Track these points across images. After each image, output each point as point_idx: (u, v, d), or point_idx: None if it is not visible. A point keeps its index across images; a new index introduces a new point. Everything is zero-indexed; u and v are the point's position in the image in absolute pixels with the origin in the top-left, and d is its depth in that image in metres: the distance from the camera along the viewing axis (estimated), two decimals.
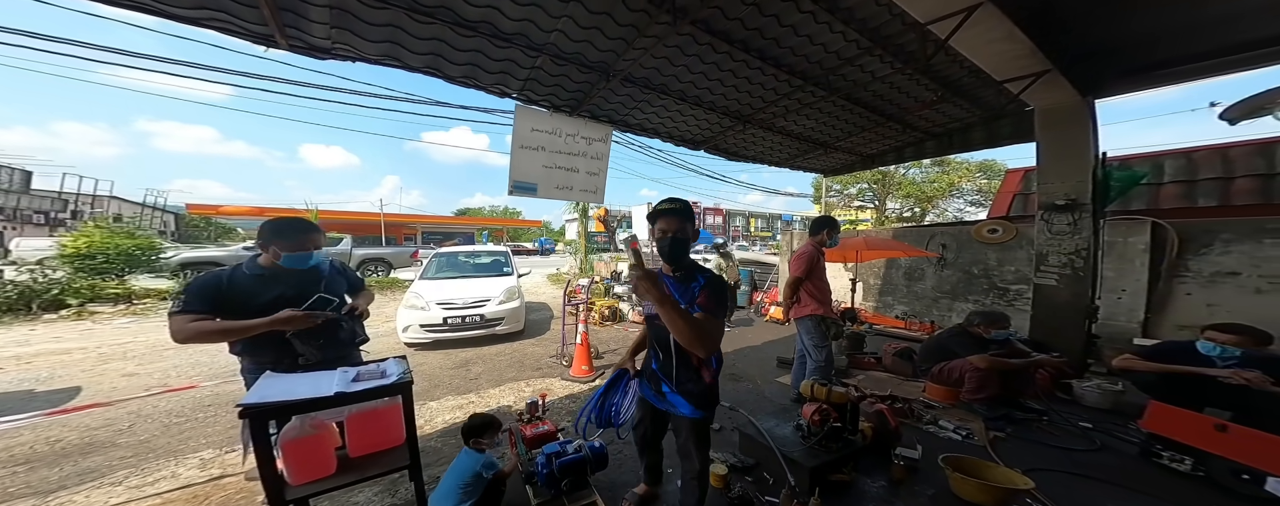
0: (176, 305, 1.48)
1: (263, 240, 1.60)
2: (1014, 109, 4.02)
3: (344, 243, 11.14)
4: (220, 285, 1.54)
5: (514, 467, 1.89)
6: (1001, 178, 8.62)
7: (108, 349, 4.55)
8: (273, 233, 1.61)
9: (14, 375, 3.70)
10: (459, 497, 1.64)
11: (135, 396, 3.20)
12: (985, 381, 2.71)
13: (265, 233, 1.60)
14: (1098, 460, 2.23)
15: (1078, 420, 2.66)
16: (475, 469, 1.70)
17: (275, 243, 1.61)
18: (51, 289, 6.29)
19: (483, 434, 1.77)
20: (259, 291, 1.58)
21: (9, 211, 18.78)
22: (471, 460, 1.72)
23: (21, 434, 2.56)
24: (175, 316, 1.48)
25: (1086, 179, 3.30)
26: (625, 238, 7.45)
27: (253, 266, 1.62)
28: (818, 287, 2.85)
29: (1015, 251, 4.72)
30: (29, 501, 1.91)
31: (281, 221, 1.64)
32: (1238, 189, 4.40)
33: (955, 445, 2.37)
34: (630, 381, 1.64)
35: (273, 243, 1.61)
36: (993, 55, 2.70)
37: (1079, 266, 3.34)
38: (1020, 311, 4.29)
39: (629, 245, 1.78)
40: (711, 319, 1.29)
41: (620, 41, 2.61)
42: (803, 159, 5.59)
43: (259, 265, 1.62)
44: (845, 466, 1.97)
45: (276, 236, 1.61)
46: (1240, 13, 2.50)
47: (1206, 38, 2.80)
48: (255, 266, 1.62)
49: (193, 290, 1.51)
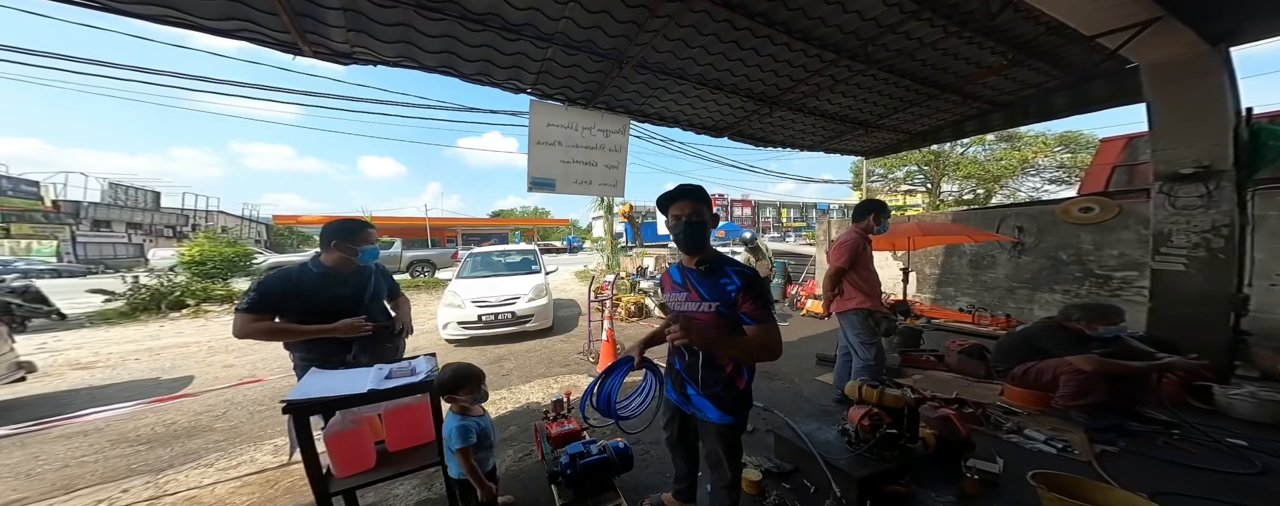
0: (243, 302, 1.61)
1: (328, 241, 1.73)
2: (1111, 67, 3.37)
3: (395, 246, 12.16)
4: (288, 283, 1.66)
5: (485, 496, 1.47)
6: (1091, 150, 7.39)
7: (216, 343, 5.29)
8: (335, 233, 1.74)
9: (147, 365, 4.46)
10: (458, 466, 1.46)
11: (230, 384, 3.64)
12: (1088, 386, 2.25)
13: (328, 234, 1.74)
14: (1261, 485, 1.75)
15: (1224, 435, 2.12)
16: (448, 432, 1.40)
17: (342, 243, 1.74)
18: (175, 291, 7.50)
19: (457, 389, 1.43)
20: (320, 290, 1.70)
21: (146, 227, 22.83)
22: (448, 426, 1.44)
23: (147, 416, 3.02)
24: (240, 314, 1.61)
25: (1224, 141, 2.67)
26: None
27: (317, 265, 1.75)
28: (863, 279, 2.57)
29: (1118, 232, 3.99)
30: (144, 477, 2.23)
31: (341, 223, 1.78)
32: None
33: (1048, 459, 2.01)
34: (649, 376, 1.54)
35: (344, 243, 1.74)
36: (1079, 5, 2.26)
37: (1218, 247, 2.70)
38: (1130, 303, 3.61)
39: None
40: (767, 326, 1.20)
41: (631, 24, 2.49)
42: (839, 141, 5.11)
43: (322, 264, 1.75)
44: (902, 477, 1.76)
45: (341, 237, 1.74)
46: None
47: None
48: (319, 265, 1.75)
49: (260, 291, 1.63)
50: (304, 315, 1.66)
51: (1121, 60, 2.94)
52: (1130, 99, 3.49)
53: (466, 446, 1.39)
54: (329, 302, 1.68)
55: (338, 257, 1.74)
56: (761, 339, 1.19)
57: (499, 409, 2.95)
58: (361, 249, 1.75)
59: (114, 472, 2.29)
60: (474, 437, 1.41)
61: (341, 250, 1.73)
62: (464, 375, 1.46)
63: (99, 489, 2.12)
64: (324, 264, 1.74)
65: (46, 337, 5.65)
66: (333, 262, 1.75)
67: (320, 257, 1.76)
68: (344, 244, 1.73)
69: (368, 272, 1.85)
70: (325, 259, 1.75)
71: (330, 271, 1.74)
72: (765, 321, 1.20)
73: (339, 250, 1.73)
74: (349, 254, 1.74)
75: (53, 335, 5.78)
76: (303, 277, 1.69)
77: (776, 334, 1.21)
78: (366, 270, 1.84)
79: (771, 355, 1.20)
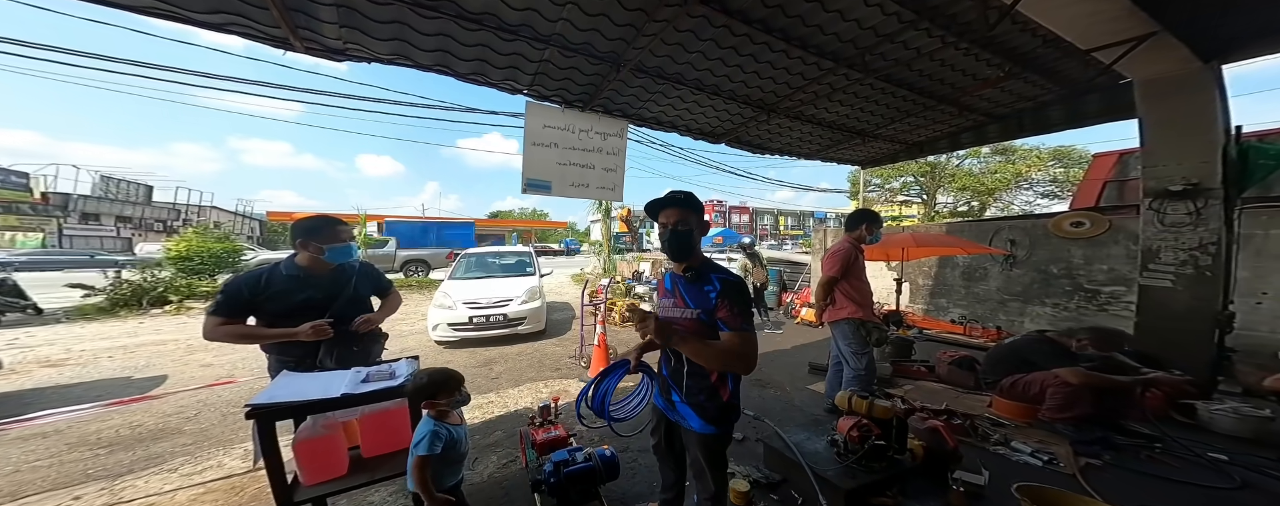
0: (211, 306, 1.57)
1: (298, 240, 1.66)
2: (1105, 82, 3.41)
3: (389, 245, 12.02)
4: (256, 286, 1.60)
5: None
6: (1083, 165, 7.49)
7: (195, 341, 5.13)
8: (305, 232, 1.67)
9: (119, 363, 4.29)
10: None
11: (203, 385, 3.54)
12: (1074, 398, 2.29)
13: (298, 233, 1.66)
14: (1240, 500, 1.78)
15: (1206, 450, 2.15)
16: (417, 438, 1.30)
17: (311, 241, 1.66)
18: (158, 287, 7.33)
19: (435, 394, 1.35)
20: (292, 291, 1.63)
21: (135, 220, 22.47)
22: (420, 431, 1.33)
23: (112, 417, 2.90)
24: (208, 317, 1.56)
25: (1213, 159, 2.71)
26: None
27: (290, 266, 1.67)
28: (856, 288, 2.57)
29: (1107, 247, 4.03)
30: (100, 484, 2.12)
31: (309, 220, 1.71)
32: None
33: (1034, 472, 2.03)
34: (645, 379, 1.52)
35: (309, 241, 1.66)
36: (1075, 19, 2.27)
37: (1205, 264, 2.74)
38: (1117, 318, 3.63)
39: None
40: (742, 335, 1.17)
41: (629, 28, 2.48)
42: (836, 150, 5.13)
43: (296, 265, 1.68)
44: (890, 489, 1.76)
45: (310, 235, 1.67)
46: None
47: None
48: (292, 266, 1.67)
49: (226, 293, 1.58)
50: (275, 317, 1.61)
51: (1116, 75, 2.98)
52: (1123, 114, 3.52)
53: (429, 455, 1.28)
54: (301, 304, 1.62)
55: (308, 257, 1.67)
56: (735, 347, 1.16)
57: (486, 413, 2.88)
58: (327, 247, 1.66)
59: (68, 478, 2.18)
60: (439, 447, 1.29)
61: (307, 248, 1.65)
62: (440, 380, 1.37)
63: (48, 496, 2.00)
64: (297, 264, 1.67)
65: (19, 333, 5.48)
66: (306, 262, 1.67)
67: (295, 258, 1.69)
68: (309, 242, 1.65)
69: (346, 273, 1.77)
70: (299, 259, 1.68)
71: (302, 272, 1.66)
72: (741, 330, 1.17)
73: (303, 248, 1.66)
74: (315, 253, 1.66)
75: (26, 330, 5.62)
76: (272, 279, 1.63)
77: (752, 345, 1.18)
78: (345, 270, 1.77)
79: (745, 366, 1.16)
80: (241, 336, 1.60)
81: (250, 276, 1.63)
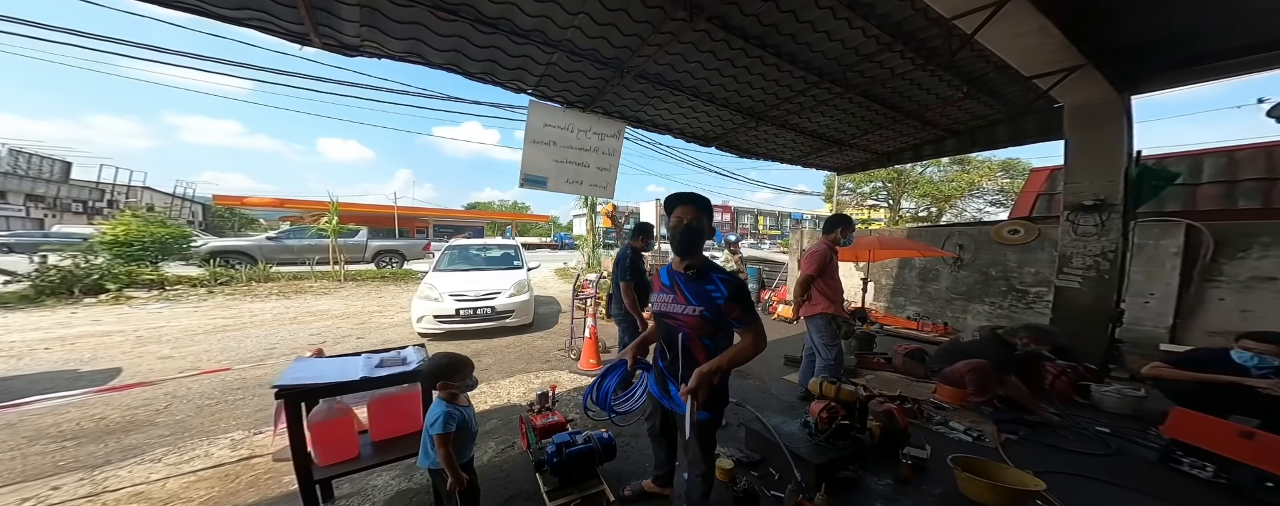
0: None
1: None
2: (1042, 105, 3.89)
3: (360, 234, 11.43)
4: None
5: (456, 486, 1.40)
6: (1026, 177, 8.32)
7: (144, 332, 4.78)
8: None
9: (59, 355, 3.92)
10: (432, 455, 1.42)
11: (171, 377, 3.36)
12: (985, 381, 2.71)
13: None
14: (1113, 464, 2.22)
15: (1094, 425, 2.62)
16: (432, 418, 1.37)
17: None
18: (92, 274, 6.63)
19: (451, 376, 1.41)
20: None
21: (50, 200, 19.82)
22: (433, 412, 1.40)
23: (69, 411, 2.73)
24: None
25: (1118, 179, 3.19)
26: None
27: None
28: (830, 286, 2.83)
29: (1037, 253, 4.59)
30: (77, 474, 2.04)
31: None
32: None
33: (965, 446, 2.36)
34: (644, 375, 1.66)
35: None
36: (1022, 50, 2.62)
37: (1104, 269, 3.25)
38: (1039, 315, 4.18)
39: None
40: (753, 327, 1.33)
41: (635, 38, 2.61)
42: (815, 156, 5.52)
43: None
44: (852, 464, 1.98)
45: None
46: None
47: (1252, 30, 2.67)
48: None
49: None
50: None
51: (1051, 100, 3.41)
52: (1056, 135, 4.01)
53: (446, 433, 1.36)
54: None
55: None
56: (752, 340, 1.32)
57: (479, 403, 2.95)
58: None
59: (38, 470, 2.09)
60: (454, 426, 1.38)
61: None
62: (455, 364, 1.45)
63: (21, 487, 1.92)
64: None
65: None
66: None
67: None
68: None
69: None
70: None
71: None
72: (752, 322, 1.34)
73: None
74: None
75: None
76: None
77: (762, 330, 1.34)
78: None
79: (763, 346, 1.33)
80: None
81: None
